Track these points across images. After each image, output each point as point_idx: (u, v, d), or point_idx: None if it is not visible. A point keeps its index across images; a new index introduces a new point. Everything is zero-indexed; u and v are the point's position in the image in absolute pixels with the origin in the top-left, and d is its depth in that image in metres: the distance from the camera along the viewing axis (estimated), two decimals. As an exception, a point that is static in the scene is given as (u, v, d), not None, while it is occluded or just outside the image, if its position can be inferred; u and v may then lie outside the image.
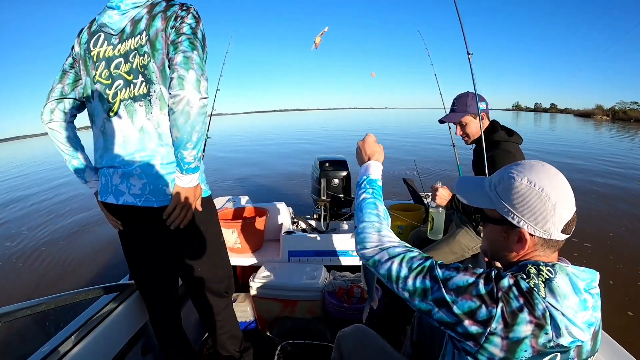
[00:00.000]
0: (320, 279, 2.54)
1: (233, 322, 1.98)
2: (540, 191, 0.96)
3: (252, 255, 2.88)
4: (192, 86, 1.36)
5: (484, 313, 0.88)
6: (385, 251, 1.09)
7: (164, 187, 1.53)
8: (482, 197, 1.10)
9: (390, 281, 1.04)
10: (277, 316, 2.51)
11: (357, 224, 1.21)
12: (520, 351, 0.87)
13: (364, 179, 1.34)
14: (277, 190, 9.19)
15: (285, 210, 3.23)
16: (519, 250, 1.01)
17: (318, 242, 2.90)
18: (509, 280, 0.91)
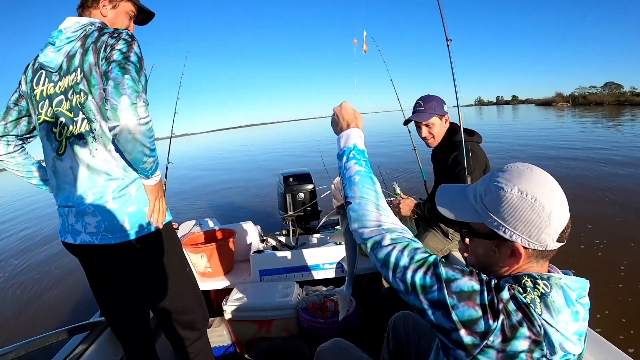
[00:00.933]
0: (293, 296, 2.54)
1: (207, 354, 1.94)
2: (533, 201, 0.89)
3: (224, 278, 2.86)
4: (128, 113, 1.32)
5: (483, 325, 0.82)
6: (387, 233, 1.00)
7: (120, 223, 1.51)
8: (468, 211, 1.01)
9: (387, 267, 0.95)
10: (253, 337, 2.50)
11: (351, 199, 1.10)
12: None
13: (349, 149, 1.19)
14: (244, 208, 9.10)
15: (253, 229, 3.22)
16: (513, 264, 0.95)
17: (288, 258, 2.90)
18: (508, 292, 0.86)
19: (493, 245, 0.97)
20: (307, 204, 3.47)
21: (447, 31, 2.36)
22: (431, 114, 2.41)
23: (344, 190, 1.14)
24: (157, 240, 1.62)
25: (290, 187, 3.43)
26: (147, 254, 1.59)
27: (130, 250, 1.55)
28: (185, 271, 1.80)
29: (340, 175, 1.19)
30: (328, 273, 2.96)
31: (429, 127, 2.45)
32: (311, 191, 3.49)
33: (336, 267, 2.94)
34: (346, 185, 1.14)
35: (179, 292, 1.74)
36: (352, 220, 1.08)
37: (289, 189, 3.43)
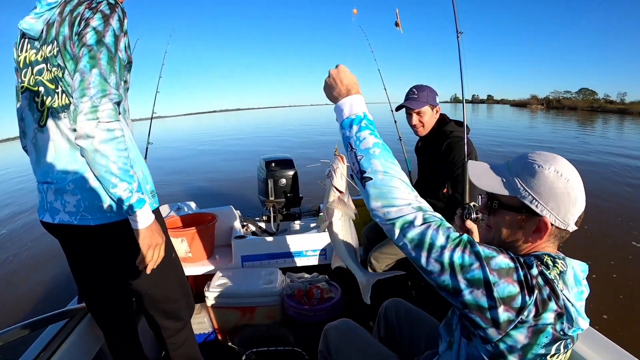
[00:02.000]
0: (278, 283, 2.49)
1: (190, 345, 1.84)
2: (566, 181, 0.95)
3: (205, 263, 2.77)
4: (87, 117, 1.18)
5: (520, 300, 0.84)
6: (420, 212, 0.94)
7: (101, 203, 1.40)
8: (502, 184, 1.02)
9: (421, 248, 0.90)
10: (236, 325, 2.43)
11: (372, 174, 0.99)
12: (542, 337, 0.87)
13: (360, 117, 1.08)
14: (223, 193, 8.91)
15: (234, 214, 3.13)
16: (536, 240, 0.98)
17: (270, 244, 2.84)
18: (536, 268, 0.89)
19: (520, 220, 0.99)
20: (288, 190, 3.40)
21: (458, 23, 2.32)
22: (424, 103, 2.42)
23: (358, 164, 1.02)
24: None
25: (272, 172, 3.34)
26: (130, 237, 1.44)
27: (111, 233, 1.44)
28: (170, 257, 1.67)
29: (350, 147, 1.06)
30: (311, 260, 2.92)
31: (420, 116, 2.46)
32: (293, 177, 3.42)
33: (319, 254, 2.90)
34: (362, 158, 1.02)
35: (163, 279, 1.63)
36: (373, 198, 0.98)
37: (271, 173, 3.33)
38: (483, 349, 0.93)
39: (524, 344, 0.87)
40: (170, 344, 1.74)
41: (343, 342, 1.50)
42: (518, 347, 0.88)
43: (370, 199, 0.98)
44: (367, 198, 1.00)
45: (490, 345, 0.90)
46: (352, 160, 1.05)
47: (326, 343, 1.54)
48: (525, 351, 0.88)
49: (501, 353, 0.90)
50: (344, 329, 1.55)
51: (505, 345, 0.88)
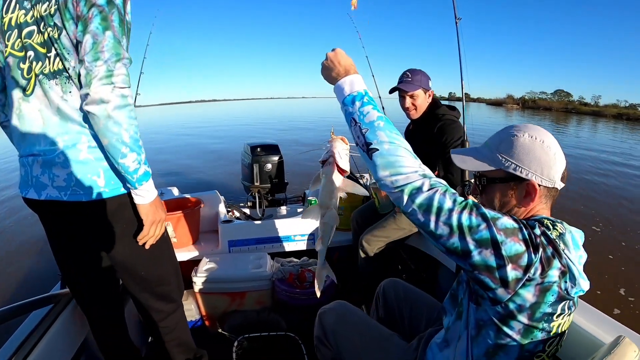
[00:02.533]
0: (267, 267, 2.41)
1: (182, 328, 1.76)
2: (542, 143, 1.02)
3: (191, 248, 2.68)
4: (102, 82, 1.14)
5: (526, 258, 0.88)
6: (427, 179, 0.97)
7: (94, 177, 1.30)
8: (484, 161, 1.09)
9: (429, 212, 0.93)
10: (225, 311, 2.34)
11: (378, 145, 1.01)
12: (548, 295, 0.91)
13: (361, 94, 1.12)
14: (205, 180, 8.73)
15: (219, 199, 3.04)
16: (528, 203, 1.04)
17: (258, 229, 2.77)
18: (539, 228, 0.94)
19: (509, 189, 1.06)
20: (274, 175, 3.33)
21: (456, 8, 2.30)
22: (417, 86, 2.43)
23: (363, 137, 1.04)
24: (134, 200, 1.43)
25: (258, 157, 3.25)
26: (123, 214, 1.38)
27: (104, 210, 1.34)
28: (164, 236, 1.60)
29: (353, 122, 1.09)
30: (299, 245, 2.87)
31: (413, 99, 2.48)
32: (279, 162, 3.35)
33: (307, 239, 2.85)
34: (367, 131, 1.05)
35: (155, 259, 1.54)
36: (380, 168, 1.00)
37: (257, 159, 3.25)
38: (492, 311, 0.96)
39: (532, 302, 0.91)
40: (162, 328, 1.65)
41: (340, 325, 1.47)
42: (527, 305, 0.91)
43: (378, 169, 1.01)
44: (374, 168, 1.02)
45: (500, 306, 0.93)
46: (357, 134, 1.07)
47: (322, 327, 1.50)
48: (534, 309, 0.92)
49: (511, 313, 0.93)
50: (341, 312, 1.52)
51: (514, 304, 0.91)
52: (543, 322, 0.94)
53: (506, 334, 0.96)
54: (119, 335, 1.69)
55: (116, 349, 1.68)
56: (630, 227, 6.37)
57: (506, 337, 0.96)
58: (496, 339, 0.98)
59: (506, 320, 0.95)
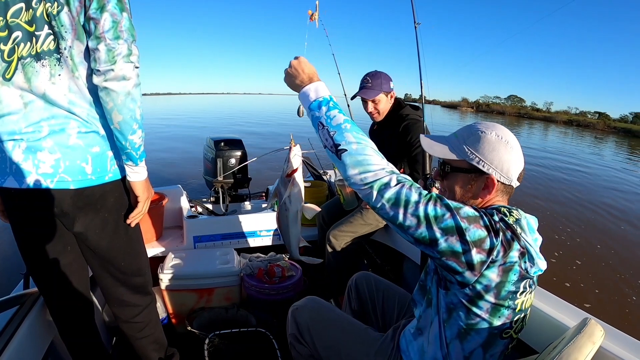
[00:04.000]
0: (235, 263, 2.39)
1: (156, 324, 1.72)
2: (506, 143, 1.11)
3: (155, 244, 2.61)
4: (125, 60, 1.18)
5: (489, 242, 0.97)
6: (393, 175, 1.05)
7: (82, 164, 1.26)
8: (451, 150, 1.17)
9: (397, 205, 1.00)
10: (193, 308, 2.30)
11: (346, 146, 1.08)
12: (511, 274, 1.00)
13: (326, 99, 1.19)
14: (163, 175, 8.47)
15: (183, 194, 2.97)
16: (485, 196, 1.13)
17: (224, 224, 2.74)
18: (497, 215, 1.03)
19: (470, 180, 1.14)
20: (238, 170, 3.29)
21: (415, 13, 2.30)
22: (378, 91, 2.47)
23: (331, 139, 1.12)
24: (117, 189, 1.39)
25: (222, 152, 3.20)
26: (105, 203, 1.36)
27: (89, 198, 1.31)
28: (138, 226, 1.56)
29: (321, 126, 1.16)
30: (265, 240, 2.87)
31: (375, 103, 2.52)
32: (242, 157, 3.32)
33: (273, 234, 2.85)
34: (335, 133, 1.12)
35: (134, 249, 1.52)
36: (350, 167, 1.07)
37: (220, 153, 3.20)
38: (461, 293, 1.04)
39: (497, 282, 0.99)
40: (136, 324, 1.61)
41: (315, 321, 1.49)
42: (492, 285, 1.00)
43: (347, 168, 1.08)
44: (343, 168, 1.09)
45: (468, 288, 1.02)
46: (325, 137, 1.14)
47: (296, 325, 1.51)
48: (499, 289, 1.01)
49: (478, 294, 1.02)
50: (314, 308, 1.53)
51: (481, 285, 1.00)
52: (508, 300, 1.03)
53: (476, 314, 1.04)
54: (89, 335, 1.62)
55: (86, 350, 1.61)
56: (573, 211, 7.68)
57: (476, 317, 1.05)
58: (467, 320, 1.06)
59: (475, 300, 1.03)
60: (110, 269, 1.49)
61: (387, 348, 1.36)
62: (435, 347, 1.15)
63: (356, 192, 2.64)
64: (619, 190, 10.56)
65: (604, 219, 7.54)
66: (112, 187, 1.37)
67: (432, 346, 1.16)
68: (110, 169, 1.36)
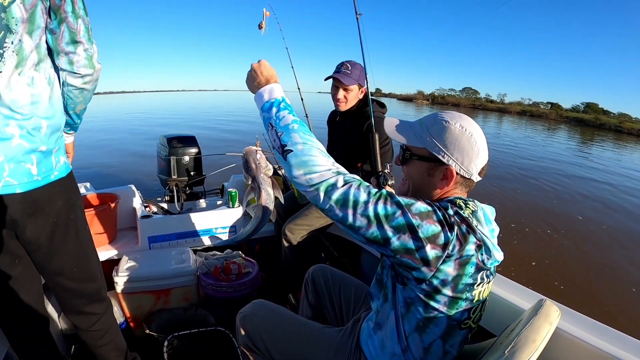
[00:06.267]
0: (191, 262, 2.38)
1: (115, 330, 1.69)
2: (470, 136, 1.09)
3: (108, 247, 2.55)
4: (97, 62, 1.29)
5: (443, 237, 0.96)
6: (340, 175, 1.03)
7: (27, 165, 1.22)
8: (413, 137, 1.16)
9: (346, 206, 0.99)
10: (151, 310, 2.27)
11: (292, 146, 1.07)
12: (468, 267, 1.00)
13: (278, 100, 1.19)
14: (115, 175, 8.22)
15: (136, 194, 2.91)
16: (443, 186, 1.12)
17: (179, 223, 2.71)
18: (451, 209, 1.02)
19: (429, 168, 1.13)
20: (192, 168, 3.26)
21: (356, 4, 2.33)
22: (354, 81, 2.44)
23: (279, 139, 1.11)
24: (65, 189, 1.35)
25: (175, 150, 3.16)
26: (53, 206, 1.31)
27: (36, 202, 1.26)
28: (88, 229, 1.53)
29: (270, 126, 1.16)
30: (221, 238, 2.85)
31: (347, 92, 2.48)
32: (196, 156, 3.28)
33: (229, 231, 2.84)
34: (282, 134, 1.11)
35: (85, 253, 1.48)
36: (295, 168, 1.06)
37: (174, 151, 3.15)
38: (419, 289, 1.03)
39: (454, 275, 0.99)
40: (94, 333, 1.59)
41: (266, 329, 1.45)
42: (449, 279, 0.99)
43: (292, 168, 1.06)
44: (289, 168, 1.07)
45: (425, 283, 1.00)
46: (273, 138, 1.13)
47: (247, 334, 1.46)
48: (457, 282, 1.00)
49: (435, 288, 1.01)
50: (263, 314, 1.49)
51: (438, 280, 0.99)
52: (466, 292, 1.02)
53: (433, 307, 1.03)
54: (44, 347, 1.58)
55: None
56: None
57: (434, 311, 1.04)
58: (425, 313, 1.05)
59: (432, 295, 1.02)
60: (63, 277, 1.45)
61: (347, 344, 1.36)
62: (392, 342, 1.16)
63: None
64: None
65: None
66: (60, 187, 1.33)
67: (389, 341, 1.17)
68: (56, 166, 1.33)
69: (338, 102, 2.53)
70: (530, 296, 1.43)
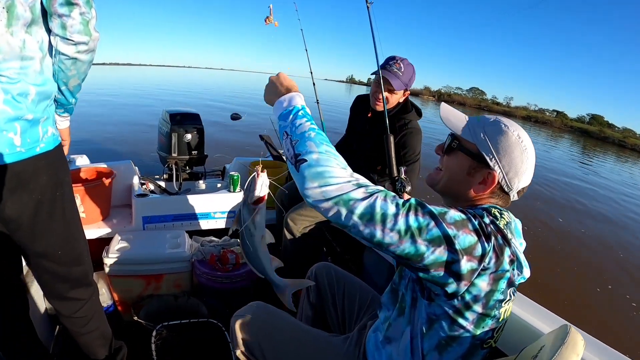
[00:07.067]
0: (186, 247, 2.25)
1: (100, 317, 1.57)
2: (524, 149, 1.02)
3: (101, 225, 2.43)
4: (95, 29, 1.17)
5: (480, 248, 0.88)
6: (362, 187, 0.90)
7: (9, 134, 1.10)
8: (467, 129, 1.09)
9: (373, 221, 0.87)
10: (140, 295, 2.15)
11: (306, 155, 0.94)
12: (501, 282, 0.92)
13: (297, 108, 1.07)
14: (117, 148, 8.00)
15: (133, 170, 2.79)
16: (479, 191, 1.05)
17: (176, 204, 2.58)
18: (487, 217, 0.95)
19: (471, 167, 1.06)
20: (193, 146, 3.12)
21: None
22: (404, 85, 2.25)
23: (293, 148, 0.98)
24: (52, 164, 1.22)
25: (177, 126, 3.00)
26: (38, 182, 1.19)
27: (19, 176, 1.14)
28: (76, 208, 1.40)
29: (285, 135, 1.03)
30: (219, 223, 2.74)
31: (391, 94, 2.27)
32: (199, 133, 3.14)
33: (227, 216, 2.72)
34: (297, 142, 0.98)
35: (71, 234, 1.35)
36: (309, 180, 0.91)
37: (175, 127, 3.00)
38: (448, 304, 0.94)
39: (487, 291, 0.91)
40: (78, 319, 1.47)
41: (265, 335, 1.35)
42: (482, 295, 0.91)
43: (305, 181, 0.91)
44: (301, 181, 0.93)
45: (457, 298, 0.92)
46: (287, 147, 1.01)
47: (243, 339, 1.35)
48: (489, 298, 0.93)
49: (467, 304, 0.93)
50: (262, 318, 1.38)
51: (470, 295, 0.91)
52: (495, 310, 0.95)
53: (460, 325, 0.96)
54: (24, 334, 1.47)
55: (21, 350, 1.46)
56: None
57: (460, 329, 0.96)
58: (450, 331, 0.98)
59: (461, 311, 0.94)
60: (46, 259, 1.32)
61: (353, 356, 1.27)
62: (405, 359, 1.07)
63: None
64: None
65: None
66: (45, 161, 1.20)
67: (401, 357, 1.08)
68: (43, 137, 1.20)
69: (377, 101, 2.31)
70: (546, 317, 1.34)
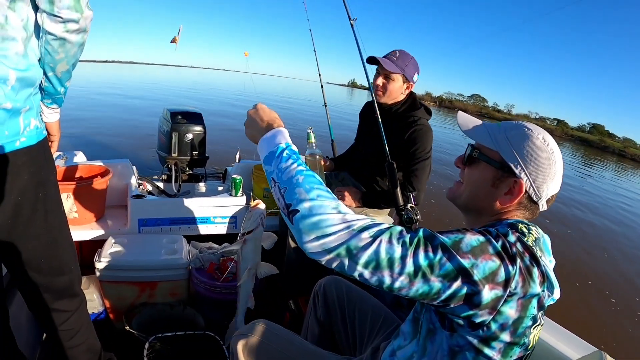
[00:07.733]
0: (184, 253, 2.13)
1: (88, 329, 1.47)
2: (551, 152, 0.95)
3: (94, 226, 2.31)
4: (88, 6, 1.03)
5: (503, 273, 0.80)
6: (363, 232, 0.81)
7: None
8: (487, 136, 1.01)
9: (380, 268, 0.79)
10: (133, 303, 2.03)
11: (297, 205, 0.85)
12: (531, 308, 0.83)
13: (282, 148, 0.99)
14: (115, 145, 7.83)
15: (131, 170, 2.67)
16: (505, 202, 0.97)
17: (174, 207, 2.46)
18: (513, 235, 0.87)
19: (495, 177, 0.98)
20: (195, 147, 3.01)
21: (348, 9, 2.21)
22: (398, 70, 2.18)
23: (283, 199, 0.89)
24: (33, 161, 1.10)
25: (178, 125, 2.89)
26: (20, 180, 1.07)
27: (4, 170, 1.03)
28: (61, 211, 1.29)
29: (273, 182, 0.95)
30: (219, 228, 2.61)
31: (386, 80, 2.22)
32: (201, 133, 3.03)
33: (229, 221, 2.60)
34: (286, 190, 0.90)
35: (57, 241, 1.24)
36: (305, 233, 0.83)
37: (176, 127, 2.89)
38: (473, 335, 0.86)
39: (515, 318, 0.83)
40: (64, 332, 1.36)
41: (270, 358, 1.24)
42: (509, 322, 0.83)
43: (302, 234, 0.84)
44: (298, 235, 0.85)
45: (482, 329, 0.83)
46: (277, 196, 0.94)
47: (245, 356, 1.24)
48: (517, 325, 0.84)
49: (493, 334, 0.84)
50: (265, 339, 1.27)
51: (497, 324, 0.82)
52: (524, 337, 0.86)
53: (486, 355, 0.86)
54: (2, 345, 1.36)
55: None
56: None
57: (485, 359, 0.87)
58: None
59: (488, 341, 0.85)
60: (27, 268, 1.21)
61: None
62: None
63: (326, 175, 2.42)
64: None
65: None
66: (27, 157, 1.09)
67: None
68: (24, 131, 1.08)
69: (377, 89, 2.26)
70: (574, 342, 1.26)
